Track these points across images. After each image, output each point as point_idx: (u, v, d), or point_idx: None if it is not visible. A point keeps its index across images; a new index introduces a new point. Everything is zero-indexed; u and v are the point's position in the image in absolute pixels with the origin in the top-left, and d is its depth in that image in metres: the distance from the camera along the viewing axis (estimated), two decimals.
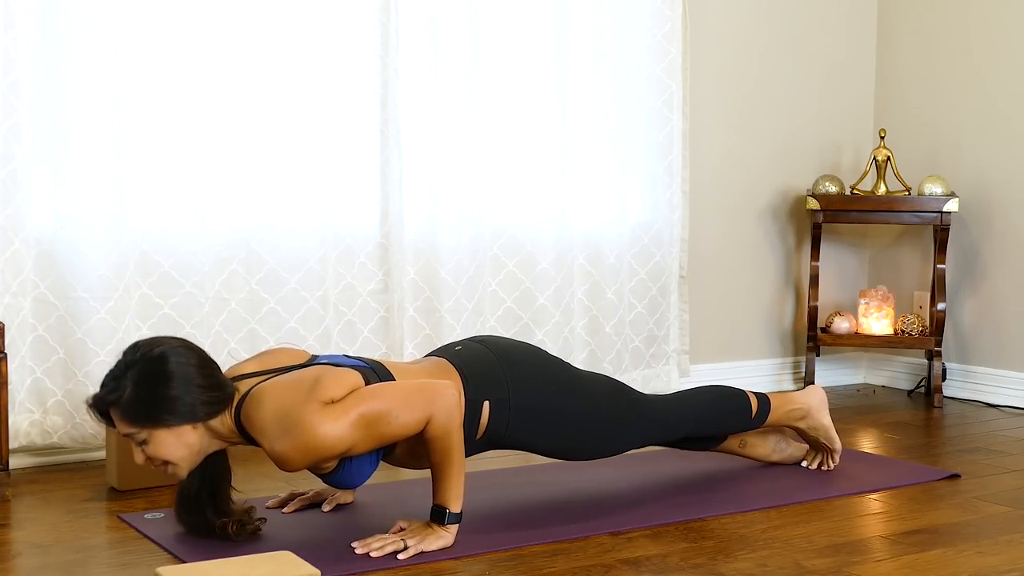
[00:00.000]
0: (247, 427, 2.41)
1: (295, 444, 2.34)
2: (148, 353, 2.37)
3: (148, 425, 2.35)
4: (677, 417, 2.93)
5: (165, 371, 2.36)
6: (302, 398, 2.36)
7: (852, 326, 4.38)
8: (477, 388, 2.59)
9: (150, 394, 2.34)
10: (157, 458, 2.39)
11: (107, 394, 2.36)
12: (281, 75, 3.42)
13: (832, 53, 4.59)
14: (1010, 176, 4.23)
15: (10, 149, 3.07)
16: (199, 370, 2.40)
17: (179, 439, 2.38)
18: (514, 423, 2.64)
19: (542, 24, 3.84)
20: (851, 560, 2.43)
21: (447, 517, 2.45)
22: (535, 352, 2.78)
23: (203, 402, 2.38)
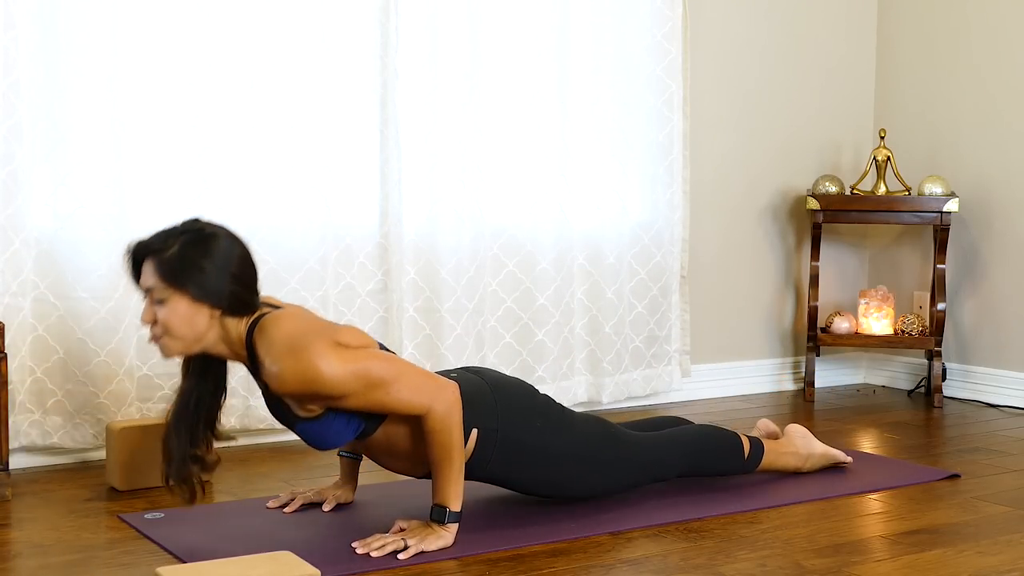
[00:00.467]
0: (256, 341, 2.39)
1: (296, 367, 2.33)
2: (203, 227, 2.42)
3: (173, 286, 2.36)
4: (668, 459, 2.88)
5: (211, 247, 2.39)
6: (317, 330, 2.41)
7: (852, 326, 4.38)
8: (467, 414, 2.54)
9: (189, 259, 2.36)
10: (163, 324, 2.38)
11: (152, 243, 2.40)
12: (281, 75, 3.42)
13: (832, 53, 4.59)
14: (1010, 176, 4.23)
15: (10, 149, 3.07)
16: (241, 264, 2.42)
17: (192, 316, 2.38)
18: (499, 454, 2.61)
19: (542, 24, 3.84)
20: (851, 560, 2.43)
21: (447, 516, 2.45)
22: (528, 388, 2.75)
23: (231, 292, 2.39)
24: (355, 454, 2.82)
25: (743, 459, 2.99)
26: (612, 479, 2.81)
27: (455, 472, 2.45)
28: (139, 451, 2.95)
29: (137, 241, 2.44)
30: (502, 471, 2.66)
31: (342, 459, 2.82)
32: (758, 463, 3.02)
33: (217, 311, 2.40)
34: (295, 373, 2.34)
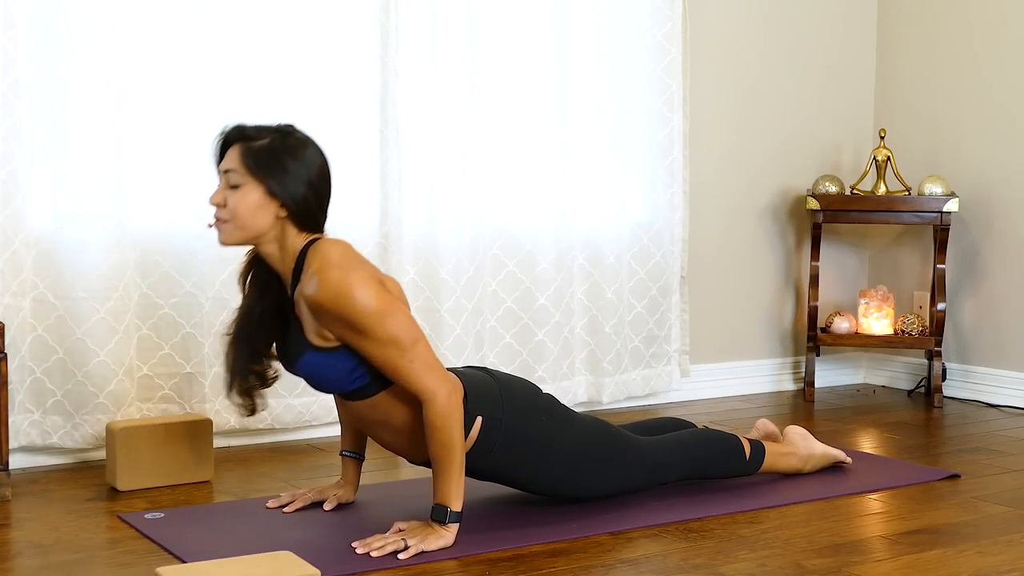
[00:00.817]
0: (308, 256, 2.44)
1: (336, 280, 2.37)
2: (297, 132, 2.51)
3: (253, 174, 2.44)
4: (670, 462, 2.88)
5: (299, 151, 2.47)
6: (367, 265, 2.48)
7: (852, 326, 4.38)
8: (473, 403, 2.55)
9: (275, 154, 2.44)
10: (231, 209, 2.45)
11: (246, 130, 2.49)
12: (281, 75, 3.42)
13: (832, 53, 4.59)
14: (1010, 176, 4.23)
15: (10, 149, 3.07)
16: (320, 176, 2.50)
17: (259, 209, 2.45)
18: (501, 444, 2.61)
19: (542, 24, 3.84)
20: (851, 560, 2.43)
21: (448, 516, 2.45)
22: (533, 387, 2.76)
23: (303, 198, 2.46)
24: (357, 453, 2.81)
25: (744, 461, 2.99)
26: (613, 480, 2.81)
27: (456, 471, 2.45)
28: (139, 451, 2.95)
29: (234, 124, 2.52)
30: (504, 463, 2.65)
31: (344, 459, 2.82)
32: (759, 465, 3.01)
33: (284, 212, 2.46)
34: (333, 286, 2.37)
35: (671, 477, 2.91)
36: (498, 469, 2.67)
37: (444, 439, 2.44)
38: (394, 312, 2.42)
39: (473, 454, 2.58)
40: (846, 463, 3.17)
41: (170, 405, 3.32)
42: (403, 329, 2.42)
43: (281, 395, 3.46)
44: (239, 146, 2.47)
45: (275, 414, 3.46)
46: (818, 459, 3.12)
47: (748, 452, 2.99)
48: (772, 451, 3.05)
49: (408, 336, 2.42)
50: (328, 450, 3.42)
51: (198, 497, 2.91)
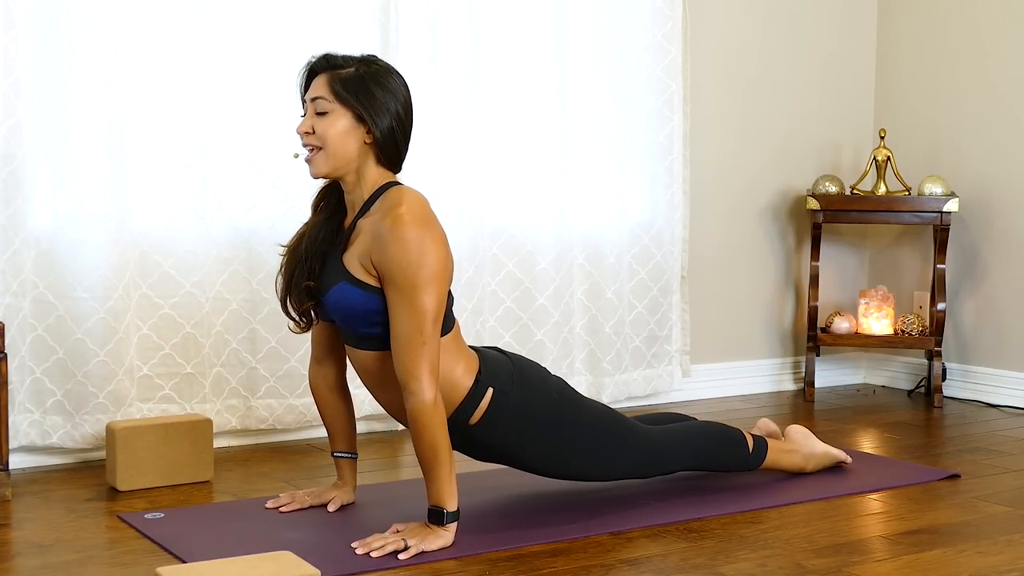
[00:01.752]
0: (387, 195, 2.48)
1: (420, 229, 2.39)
2: (382, 62, 2.53)
3: (342, 99, 2.46)
4: (674, 448, 2.89)
5: (386, 79, 2.50)
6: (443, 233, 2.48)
7: (852, 326, 4.38)
8: (485, 375, 2.59)
9: (363, 81, 2.46)
10: (320, 135, 2.47)
11: (334, 59, 2.50)
12: (281, 75, 3.42)
13: (832, 53, 4.59)
14: (1010, 176, 4.23)
15: (10, 149, 3.07)
16: (406, 108, 2.53)
17: (349, 135, 2.48)
18: (509, 418, 2.62)
19: (542, 24, 3.84)
20: (851, 560, 2.43)
21: (445, 517, 2.45)
22: (544, 369, 2.77)
23: (390, 128, 2.49)
24: (350, 453, 2.81)
25: (747, 456, 2.99)
26: (618, 464, 2.80)
27: (445, 471, 2.45)
28: (139, 451, 2.95)
29: (320, 54, 2.53)
30: (511, 438, 2.64)
31: (338, 460, 2.82)
32: (762, 461, 3.02)
33: (370, 139, 2.49)
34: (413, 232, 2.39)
35: (674, 467, 2.91)
36: (504, 446, 2.67)
37: (429, 441, 2.43)
38: (442, 291, 2.43)
39: (481, 426, 2.60)
40: (846, 463, 3.17)
41: (170, 405, 3.32)
42: (437, 312, 2.42)
43: (282, 395, 3.46)
44: (326, 74, 2.48)
45: (276, 414, 3.46)
46: (819, 458, 3.12)
47: (751, 446, 3.00)
48: (775, 448, 3.05)
49: (433, 318, 2.42)
50: (327, 450, 3.41)
51: (198, 497, 2.91)
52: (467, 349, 2.61)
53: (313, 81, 2.52)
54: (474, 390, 2.58)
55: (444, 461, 2.44)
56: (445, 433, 2.44)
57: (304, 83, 2.55)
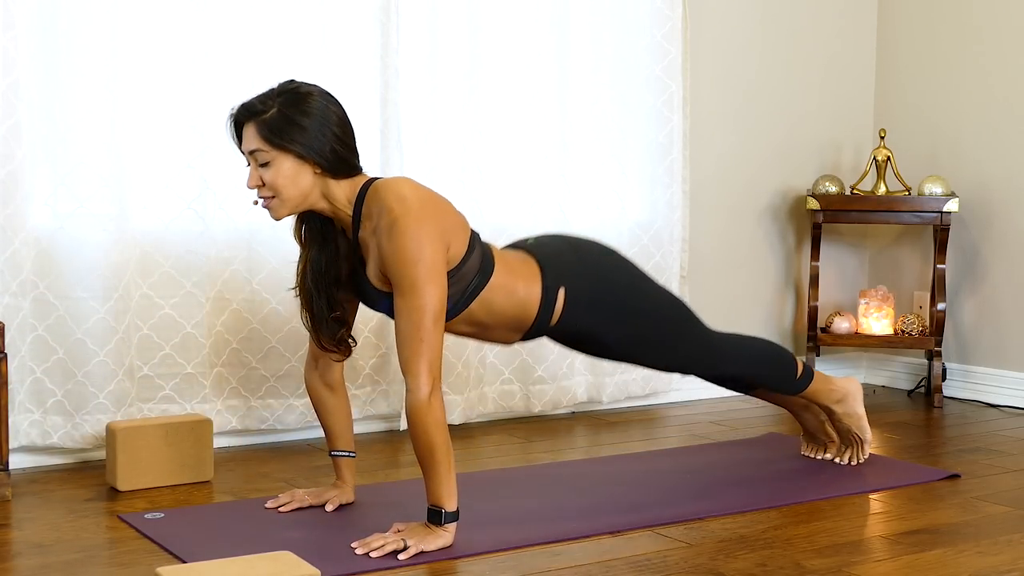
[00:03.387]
0: (369, 200, 2.48)
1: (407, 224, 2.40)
2: (299, 87, 2.49)
3: (277, 146, 2.44)
4: (730, 351, 3.00)
5: (310, 105, 2.46)
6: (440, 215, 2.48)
7: (852, 326, 4.38)
8: (553, 275, 2.66)
9: (290, 118, 2.44)
10: (270, 185, 2.47)
11: (252, 106, 2.47)
12: (281, 75, 3.40)
13: (832, 53, 4.59)
14: (1010, 176, 4.23)
15: (10, 149, 3.07)
16: (340, 122, 2.50)
17: (297, 175, 2.47)
18: (585, 309, 2.70)
19: (542, 24, 3.84)
20: (851, 560, 2.43)
21: (444, 517, 2.45)
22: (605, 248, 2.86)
23: (332, 150, 2.47)
24: (347, 451, 2.81)
25: (793, 380, 3.08)
26: (684, 351, 2.91)
27: (443, 471, 2.44)
28: (139, 451, 2.95)
29: (238, 105, 2.50)
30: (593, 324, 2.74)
31: (335, 459, 2.82)
32: (804, 388, 3.10)
33: (320, 168, 2.47)
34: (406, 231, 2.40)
35: (725, 368, 3.01)
36: (584, 330, 2.75)
37: (425, 440, 2.43)
38: (441, 287, 2.43)
39: (562, 322, 2.69)
40: (864, 444, 3.19)
41: (170, 405, 3.32)
42: (438, 308, 2.42)
43: (282, 395, 3.46)
44: (252, 124, 2.47)
45: (276, 414, 3.46)
46: (855, 418, 3.16)
47: (799, 372, 3.08)
48: (820, 378, 3.13)
49: (437, 318, 2.42)
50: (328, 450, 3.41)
51: (198, 497, 2.91)
52: (519, 264, 2.66)
53: (243, 133, 2.49)
54: (545, 297, 2.66)
55: (441, 460, 2.44)
56: (442, 432, 2.44)
57: (234, 137, 2.54)
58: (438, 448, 2.43)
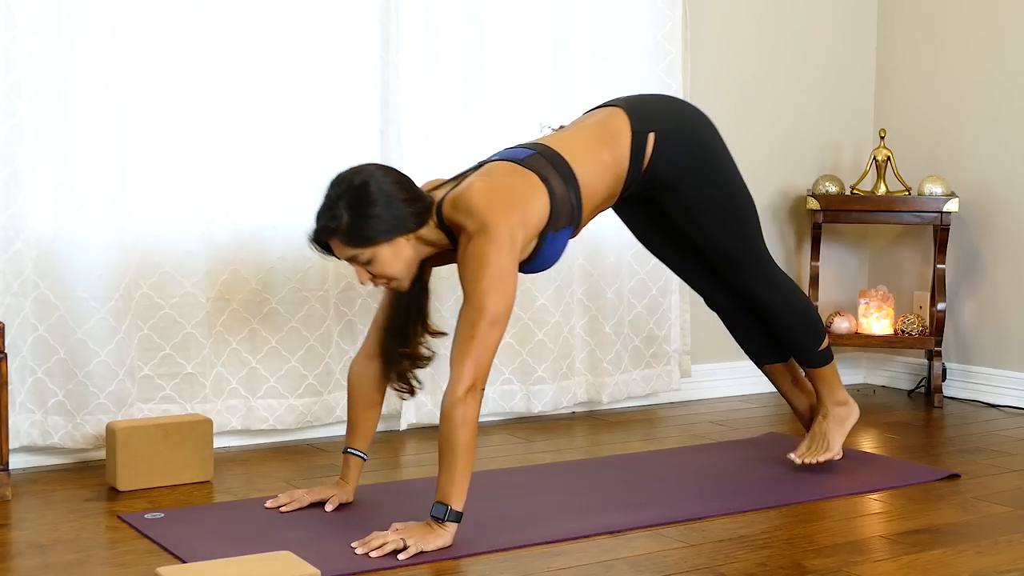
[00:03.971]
0: (450, 218, 2.57)
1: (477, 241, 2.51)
2: (352, 183, 2.54)
3: (369, 245, 2.53)
4: (780, 273, 3.09)
5: (371, 194, 2.52)
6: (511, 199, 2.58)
7: (852, 326, 4.38)
8: (642, 121, 2.79)
9: (362, 216, 2.51)
10: (382, 276, 2.58)
11: (326, 224, 2.54)
12: (282, 75, 3.42)
13: (832, 53, 4.59)
14: (1010, 176, 4.23)
15: (11, 149, 3.07)
16: (399, 187, 2.57)
17: (397, 253, 2.56)
18: (673, 151, 2.82)
19: (542, 24, 3.84)
20: (851, 560, 2.43)
21: (448, 514, 2.44)
22: (694, 107, 2.99)
23: (411, 213, 2.55)
24: (363, 453, 2.81)
25: (818, 347, 3.13)
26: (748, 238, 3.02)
27: (458, 469, 2.44)
28: (139, 451, 2.96)
29: (312, 231, 2.58)
30: (679, 174, 2.86)
31: (348, 456, 2.82)
32: (820, 365, 3.15)
33: (409, 233, 2.57)
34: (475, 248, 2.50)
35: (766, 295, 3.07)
36: (667, 181, 2.86)
37: (449, 436, 2.44)
38: (506, 296, 2.51)
39: (650, 169, 2.81)
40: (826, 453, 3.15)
41: (171, 405, 3.32)
42: (498, 315, 2.51)
43: (282, 395, 3.47)
44: (336, 239, 2.54)
45: (276, 414, 3.46)
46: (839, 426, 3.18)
47: (823, 346, 3.13)
48: (835, 372, 3.18)
49: (494, 323, 2.50)
50: (328, 450, 3.42)
51: (198, 497, 2.91)
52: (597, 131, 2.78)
53: (332, 247, 2.59)
54: (635, 144, 2.78)
55: (459, 458, 2.44)
56: (468, 432, 2.44)
57: (323, 252, 2.63)
58: (459, 445, 2.44)
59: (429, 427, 3.70)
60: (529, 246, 2.65)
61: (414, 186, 2.61)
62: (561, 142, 2.75)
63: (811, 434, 3.19)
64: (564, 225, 2.69)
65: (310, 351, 3.49)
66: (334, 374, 3.54)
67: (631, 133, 2.78)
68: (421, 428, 3.68)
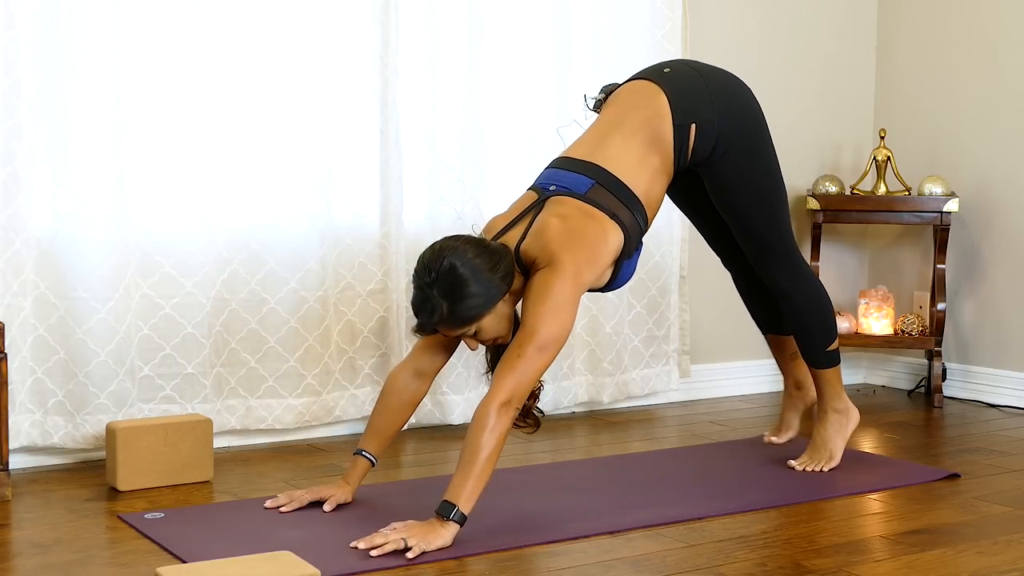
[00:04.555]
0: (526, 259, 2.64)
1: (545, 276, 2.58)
2: (440, 267, 2.57)
3: (472, 323, 2.58)
4: (805, 272, 3.06)
5: (460, 276, 2.55)
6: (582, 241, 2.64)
7: (852, 326, 4.38)
8: (685, 113, 2.80)
9: (459, 299, 2.55)
10: (489, 340, 2.65)
11: (428, 319, 2.59)
12: (281, 75, 3.42)
13: (832, 53, 4.59)
14: (1010, 176, 4.23)
15: (11, 149, 3.07)
16: (483, 258, 2.59)
17: (498, 317, 2.62)
18: (719, 147, 2.83)
19: (542, 24, 3.84)
20: (851, 560, 2.43)
21: (454, 513, 2.44)
22: (739, 82, 2.97)
23: (500, 279, 2.60)
24: (375, 457, 2.82)
25: (825, 349, 3.11)
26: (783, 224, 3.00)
27: (475, 473, 2.44)
28: (139, 451, 2.96)
29: (416, 326, 2.64)
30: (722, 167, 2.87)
31: (358, 458, 2.81)
32: (828, 366, 3.13)
33: (504, 296, 2.61)
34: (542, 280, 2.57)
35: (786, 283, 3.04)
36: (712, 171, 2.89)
37: (474, 441, 2.45)
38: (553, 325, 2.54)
39: (693, 160, 2.83)
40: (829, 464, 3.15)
41: (171, 405, 3.32)
42: (551, 340, 2.53)
43: (282, 395, 3.46)
44: (444, 324, 2.58)
45: (275, 414, 3.46)
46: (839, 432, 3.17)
47: (832, 347, 3.11)
48: (839, 377, 3.15)
49: (544, 349, 2.53)
50: (328, 450, 3.42)
51: (198, 497, 2.91)
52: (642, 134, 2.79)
53: (443, 331, 2.62)
54: (678, 135, 2.80)
55: (478, 463, 2.44)
56: (495, 441, 2.46)
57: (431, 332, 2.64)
58: (482, 451, 2.45)
59: (429, 427, 3.70)
60: (605, 276, 2.73)
61: (490, 248, 2.62)
62: (614, 157, 2.77)
63: (811, 443, 3.21)
64: (635, 247, 2.79)
65: (309, 351, 3.49)
66: (333, 374, 3.54)
67: (673, 127, 2.80)
68: (421, 428, 3.68)
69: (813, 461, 3.16)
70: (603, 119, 2.90)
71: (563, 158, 2.84)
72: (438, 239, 2.67)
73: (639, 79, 2.92)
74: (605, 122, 2.88)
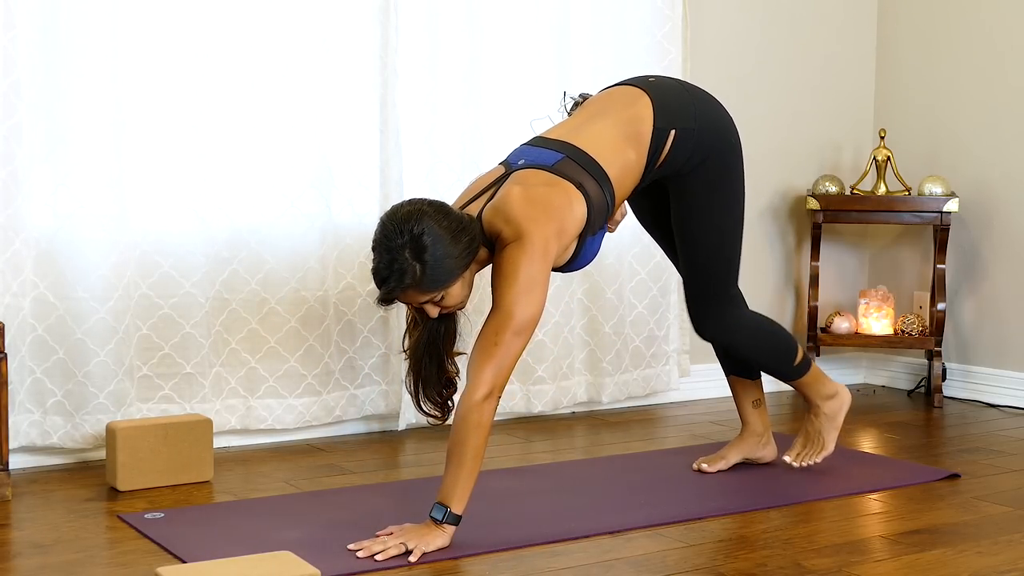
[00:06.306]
0: (489, 226, 2.57)
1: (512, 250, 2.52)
2: (411, 229, 2.46)
3: (440, 287, 2.50)
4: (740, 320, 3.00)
5: (438, 236, 2.46)
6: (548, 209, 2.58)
7: (852, 326, 4.38)
8: (666, 117, 2.77)
9: (436, 261, 2.46)
10: (452, 307, 2.58)
11: (399, 283, 2.46)
12: (281, 75, 3.42)
13: (832, 52, 4.59)
14: (1010, 176, 4.23)
15: (10, 149, 3.07)
16: (451, 220, 2.51)
17: (464, 284, 2.55)
18: (693, 158, 2.80)
19: (542, 24, 3.84)
20: (851, 560, 2.43)
21: (446, 515, 2.44)
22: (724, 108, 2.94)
23: (468, 242, 2.51)
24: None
25: (790, 367, 3.07)
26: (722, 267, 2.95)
27: (464, 473, 2.44)
28: (139, 451, 2.96)
29: (380, 293, 2.49)
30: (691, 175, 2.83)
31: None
32: (802, 374, 3.09)
33: (470, 265, 2.55)
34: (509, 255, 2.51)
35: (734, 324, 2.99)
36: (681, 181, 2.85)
37: (460, 439, 2.44)
38: (534, 305, 2.50)
39: (664, 165, 2.79)
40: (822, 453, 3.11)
41: (170, 405, 3.32)
42: (524, 324, 2.49)
43: (282, 395, 3.46)
44: (416, 287, 2.47)
45: (275, 414, 3.46)
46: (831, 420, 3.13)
47: (798, 359, 3.07)
48: (816, 372, 3.11)
49: (519, 333, 2.49)
50: (328, 450, 3.42)
51: (198, 497, 2.91)
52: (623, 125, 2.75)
53: (407, 298, 2.52)
54: (655, 139, 2.76)
55: (466, 462, 2.44)
56: (480, 437, 2.44)
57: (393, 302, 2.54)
58: (468, 449, 2.44)
59: (429, 427, 3.70)
60: (568, 251, 2.67)
61: (458, 216, 2.54)
62: (588, 139, 2.72)
63: (804, 433, 3.15)
64: (600, 226, 2.72)
65: (309, 351, 3.49)
66: (333, 374, 3.54)
67: (653, 129, 2.76)
68: (420, 428, 3.68)
69: (806, 452, 3.13)
70: (584, 111, 2.88)
71: (537, 137, 2.81)
72: (398, 203, 2.57)
73: (623, 84, 2.91)
74: (586, 112, 2.86)
